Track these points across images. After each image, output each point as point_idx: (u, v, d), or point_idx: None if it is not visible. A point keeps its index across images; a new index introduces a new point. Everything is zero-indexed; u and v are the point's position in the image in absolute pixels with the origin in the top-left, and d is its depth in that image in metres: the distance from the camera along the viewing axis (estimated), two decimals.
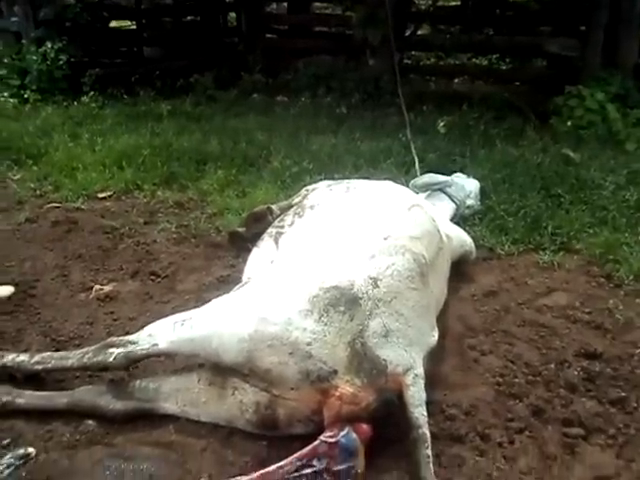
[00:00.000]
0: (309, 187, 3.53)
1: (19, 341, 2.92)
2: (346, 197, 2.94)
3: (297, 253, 2.59)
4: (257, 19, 9.76)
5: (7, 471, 2.00)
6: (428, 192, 3.88)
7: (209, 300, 3.13)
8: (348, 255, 2.42)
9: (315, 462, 2.11)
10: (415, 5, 9.44)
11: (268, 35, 10.47)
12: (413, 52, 9.63)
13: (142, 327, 2.76)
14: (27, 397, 2.44)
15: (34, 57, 7.21)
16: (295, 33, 10.41)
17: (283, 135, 5.75)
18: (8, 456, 2.03)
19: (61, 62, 7.24)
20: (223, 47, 10.10)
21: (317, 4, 11.99)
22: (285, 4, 11.95)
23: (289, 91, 7.94)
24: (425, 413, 2.15)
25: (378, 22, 7.36)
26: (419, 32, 8.61)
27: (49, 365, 2.53)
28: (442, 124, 6.01)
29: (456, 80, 8.71)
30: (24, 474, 2.09)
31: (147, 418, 2.39)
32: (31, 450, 2.08)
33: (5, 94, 7.20)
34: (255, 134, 5.73)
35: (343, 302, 2.22)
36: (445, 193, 3.94)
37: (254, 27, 9.73)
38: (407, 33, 8.28)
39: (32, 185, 4.64)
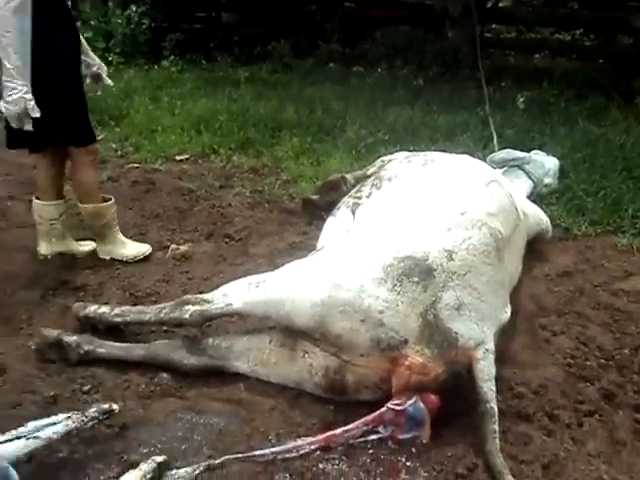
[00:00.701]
0: (385, 158, 3.52)
1: (100, 294, 3.05)
2: (424, 170, 2.92)
3: (373, 223, 2.60)
4: None
5: (90, 423, 2.10)
6: (505, 168, 3.81)
7: (281, 265, 3.20)
8: (424, 227, 2.42)
9: (381, 429, 2.14)
10: None
11: (346, 4, 10.38)
12: (494, 25, 9.38)
13: (216, 287, 2.85)
14: (107, 347, 2.55)
15: (119, 20, 7.38)
16: (373, 2, 10.28)
17: (359, 105, 5.73)
18: (93, 409, 2.12)
19: (144, 26, 7.39)
20: (300, 15, 10.07)
21: None
22: None
23: (366, 61, 7.87)
24: (494, 388, 2.15)
25: None
26: (501, 4, 8.38)
27: (128, 318, 2.64)
28: (521, 100, 5.85)
29: (537, 55, 8.44)
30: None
31: (218, 375, 2.46)
32: (115, 407, 2.17)
33: None
34: (331, 103, 5.73)
35: (417, 272, 2.22)
36: (523, 170, 3.86)
37: None
38: (489, 5, 8.07)
39: (114, 145, 4.79)
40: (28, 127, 2.84)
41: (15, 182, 4.39)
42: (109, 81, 3.39)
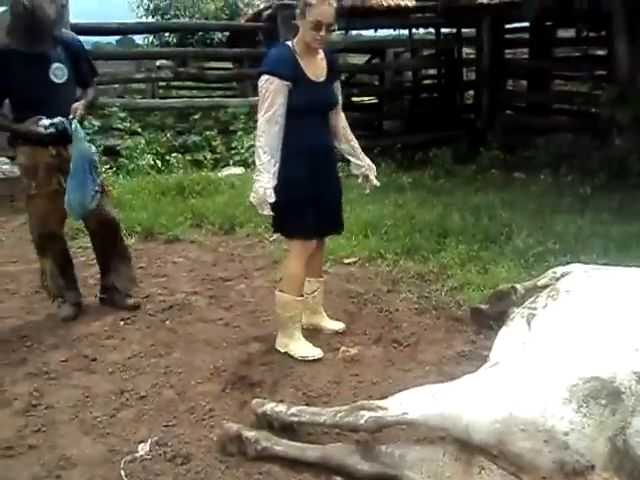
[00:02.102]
0: (558, 269, 3.45)
1: (275, 391, 3.18)
2: (607, 284, 2.83)
3: (552, 338, 2.55)
4: (497, 97, 9.88)
5: None
6: None
7: (450, 373, 3.21)
8: (610, 346, 2.34)
9: None
10: None
11: (507, 112, 10.53)
12: None
13: (385, 392, 2.89)
14: (283, 446, 2.64)
15: None
16: (534, 110, 10.35)
17: (525, 212, 5.70)
18: None
19: None
20: (460, 123, 10.34)
21: (557, 81, 11.84)
22: (524, 82, 11.97)
23: (527, 168, 7.87)
24: None
25: (628, 101, 7.12)
26: None
27: (303, 418, 2.72)
28: None
29: None
30: None
31: None
32: None
33: None
34: (496, 210, 5.75)
35: (604, 394, 2.14)
36: None
37: (493, 104, 9.86)
38: None
39: (286, 247, 5.05)
40: (267, 212, 3.26)
41: (198, 278, 4.75)
42: (376, 182, 3.70)
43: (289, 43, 3.34)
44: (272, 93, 3.20)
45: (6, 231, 6.23)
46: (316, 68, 3.36)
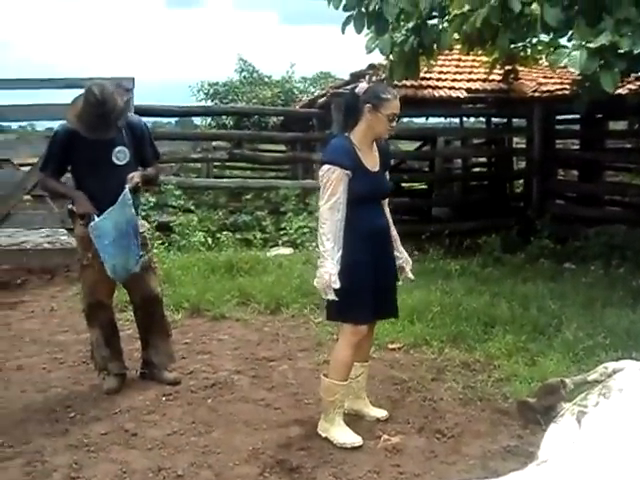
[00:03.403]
0: (609, 365, 3.36)
1: (313, 478, 3.13)
2: None
3: (604, 439, 2.46)
4: (547, 186, 9.88)
5: None
6: None
7: (495, 469, 3.11)
8: None
9: None
10: None
11: (557, 201, 10.49)
12: None
13: None
14: None
15: None
16: (585, 200, 10.29)
17: (575, 304, 5.58)
18: None
19: None
20: (510, 211, 10.33)
21: (609, 172, 11.81)
22: (575, 171, 11.97)
23: (578, 258, 7.75)
24: None
25: None
26: None
27: None
28: None
29: None
30: None
31: None
32: None
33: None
34: (545, 301, 5.64)
35: None
36: None
37: (544, 193, 9.85)
38: None
39: (330, 329, 5.04)
40: (331, 296, 3.27)
41: (242, 357, 4.76)
42: (411, 275, 3.69)
43: (347, 135, 3.45)
44: (334, 182, 3.29)
45: (59, 300, 6.40)
46: (372, 158, 3.47)
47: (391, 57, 7.06)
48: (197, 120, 21.72)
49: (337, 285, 3.24)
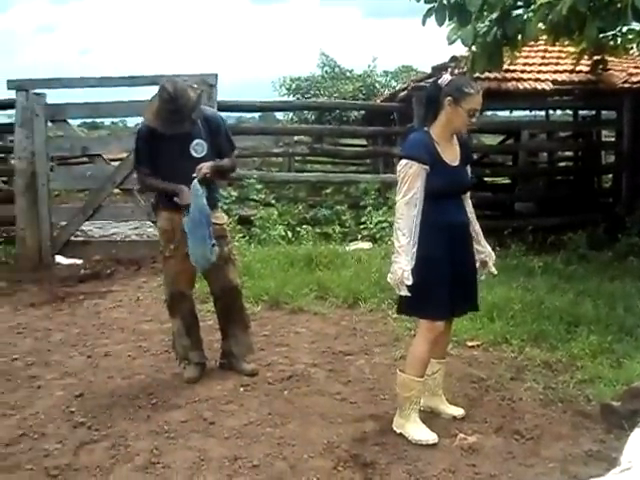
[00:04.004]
0: None
1: (387, 474, 3.11)
2: None
3: None
4: (638, 181, 9.46)
5: None
6: None
7: (575, 473, 3.02)
8: None
9: None
10: None
11: None
12: None
13: None
14: None
15: None
16: None
17: None
18: None
19: None
20: (597, 207, 9.96)
21: None
22: None
23: None
24: None
25: None
26: None
27: None
28: None
29: None
30: None
31: None
32: None
33: None
34: (633, 300, 5.40)
35: None
36: None
37: (634, 189, 9.44)
38: None
39: (408, 325, 5.00)
40: (403, 292, 3.25)
41: (319, 350, 4.79)
42: (493, 269, 3.64)
43: (426, 129, 3.41)
44: (411, 177, 3.26)
45: (145, 291, 6.63)
46: (452, 152, 3.42)
47: (473, 48, 6.92)
48: (280, 115, 21.99)
49: (410, 281, 3.21)
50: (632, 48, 7.24)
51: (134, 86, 7.97)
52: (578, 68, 8.74)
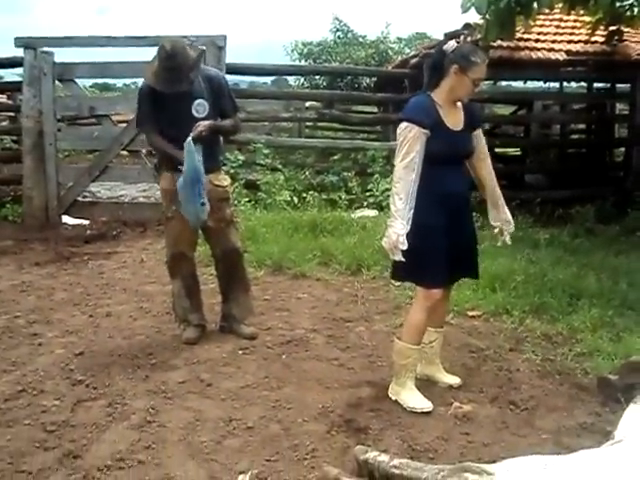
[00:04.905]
0: None
1: (380, 440, 3.12)
2: None
3: None
4: None
5: None
6: None
7: (568, 445, 3.02)
8: None
9: None
10: None
11: None
12: None
13: (495, 456, 2.80)
14: None
15: None
16: None
17: None
18: None
19: None
20: (607, 181, 9.86)
21: None
22: None
23: None
24: None
25: None
26: None
27: (405, 472, 2.62)
28: None
29: None
30: None
31: None
32: None
33: None
34: (637, 275, 5.37)
35: None
36: None
37: None
38: None
39: (410, 293, 4.99)
40: (397, 257, 3.22)
41: (319, 316, 4.80)
42: (508, 239, 3.60)
43: (429, 93, 3.35)
44: (410, 140, 3.21)
45: (149, 253, 6.65)
46: (455, 117, 3.36)
47: (487, 16, 6.77)
48: (292, 80, 21.75)
49: (404, 246, 3.18)
50: None
51: (141, 46, 7.87)
52: (593, 39, 8.56)
